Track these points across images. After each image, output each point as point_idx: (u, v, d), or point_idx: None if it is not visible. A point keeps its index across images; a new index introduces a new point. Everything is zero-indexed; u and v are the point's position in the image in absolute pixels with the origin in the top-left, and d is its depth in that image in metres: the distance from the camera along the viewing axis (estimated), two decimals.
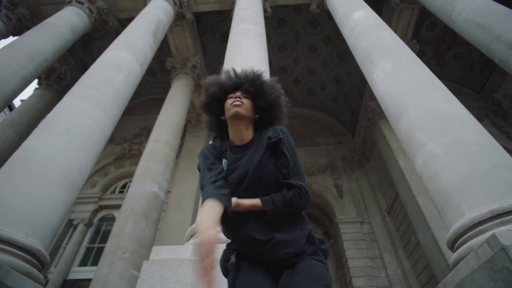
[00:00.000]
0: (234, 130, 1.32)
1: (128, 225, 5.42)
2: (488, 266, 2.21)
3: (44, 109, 10.31)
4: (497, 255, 2.13)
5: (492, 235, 2.21)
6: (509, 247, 2.06)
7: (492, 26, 5.60)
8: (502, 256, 2.09)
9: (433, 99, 3.58)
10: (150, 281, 2.05)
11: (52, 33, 6.65)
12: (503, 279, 2.07)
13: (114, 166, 11.00)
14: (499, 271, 2.12)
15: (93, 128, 4.11)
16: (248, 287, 1.06)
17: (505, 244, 2.09)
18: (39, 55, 6.21)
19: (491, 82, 11.30)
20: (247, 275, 1.09)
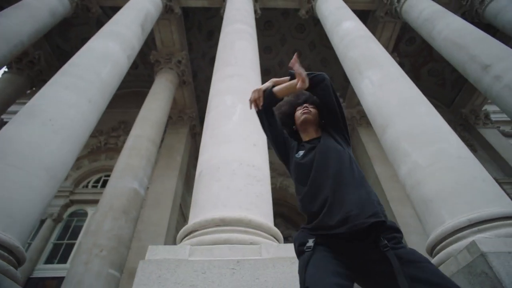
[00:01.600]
0: (305, 135, 1.58)
1: (106, 222, 5.21)
2: (467, 271, 2.38)
3: (13, 95, 9.67)
4: (476, 260, 2.31)
5: (472, 242, 2.39)
6: (488, 253, 2.24)
7: (468, 47, 6.01)
8: (481, 262, 2.26)
9: (419, 112, 3.80)
10: (147, 282, 2.01)
11: (30, 15, 6.25)
12: (481, 283, 2.24)
13: (88, 160, 10.51)
14: (477, 275, 2.29)
15: (78, 119, 3.92)
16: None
17: (484, 251, 2.27)
18: (15, 37, 5.82)
19: (460, 98, 12.10)
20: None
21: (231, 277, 2.06)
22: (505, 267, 2.13)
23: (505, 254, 2.21)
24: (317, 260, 1.04)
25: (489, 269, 2.16)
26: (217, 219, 2.56)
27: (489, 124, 11.60)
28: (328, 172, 1.26)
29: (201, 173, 3.29)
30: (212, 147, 3.46)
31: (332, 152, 1.34)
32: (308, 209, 1.23)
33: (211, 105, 4.24)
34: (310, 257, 1.06)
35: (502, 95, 5.30)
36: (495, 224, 2.62)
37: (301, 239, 1.18)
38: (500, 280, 2.08)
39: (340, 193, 1.17)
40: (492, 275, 2.14)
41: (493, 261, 2.17)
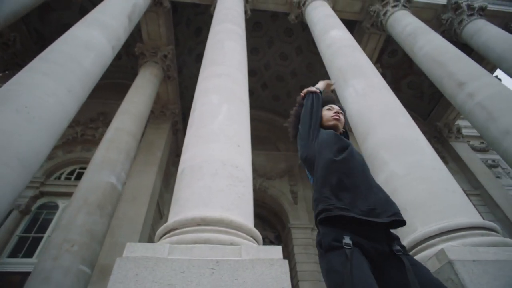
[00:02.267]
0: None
1: (80, 216, 5.02)
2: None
3: None
4: (444, 267, 2.44)
5: (441, 249, 2.52)
6: (455, 261, 2.38)
7: (446, 64, 6.33)
8: (448, 269, 2.39)
9: (399, 123, 3.96)
10: (124, 279, 1.96)
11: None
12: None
13: (63, 150, 10.07)
14: (444, 281, 2.42)
15: (56, 109, 3.77)
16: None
17: (451, 259, 2.40)
18: None
19: (435, 111, 12.69)
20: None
21: (210, 277, 2.06)
22: (469, 274, 2.27)
23: (469, 262, 2.35)
24: (359, 263, 1.05)
25: (455, 276, 2.29)
26: (198, 218, 2.54)
27: (460, 138, 12.25)
28: (363, 172, 1.40)
29: (183, 171, 3.26)
30: (196, 146, 3.44)
31: (360, 157, 1.55)
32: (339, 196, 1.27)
33: (197, 103, 4.20)
34: (352, 256, 1.06)
35: (473, 112, 5.62)
36: (462, 233, 2.78)
37: (334, 234, 1.17)
38: (464, 287, 2.21)
39: (369, 191, 1.30)
40: (458, 281, 2.27)
41: (459, 268, 2.30)
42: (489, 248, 2.53)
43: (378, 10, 8.88)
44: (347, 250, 1.07)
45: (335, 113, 1.75)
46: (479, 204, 9.97)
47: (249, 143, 3.85)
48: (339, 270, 1.03)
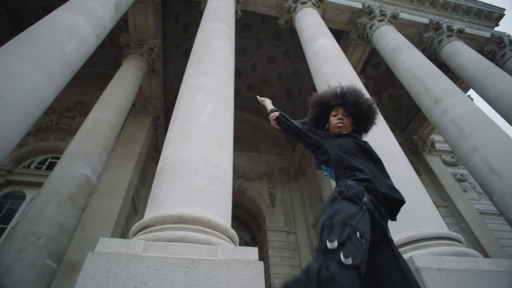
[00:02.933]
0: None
1: (49, 208, 4.80)
2: None
3: None
4: None
5: (410, 257, 2.64)
6: (421, 269, 2.50)
7: (425, 80, 6.63)
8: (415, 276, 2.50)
9: (377, 134, 4.07)
10: (95, 275, 1.90)
11: None
12: None
13: (34, 138, 9.59)
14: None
15: (32, 94, 3.60)
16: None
17: (418, 266, 2.52)
18: None
19: (412, 124, 13.22)
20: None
21: (185, 276, 2.04)
22: (434, 282, 2.39)
23: (434, 270, 2.48)
24: (366, 219, 1.18)
25: (421, 283, 2.40)
26: (176, 216, 2.52)
27: (433, 152, 12.83)
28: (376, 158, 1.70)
29: (163, 167, 3.21)
30: (178, 143, 3.40)
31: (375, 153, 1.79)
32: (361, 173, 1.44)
33: (181, 99, 4.15)
34: (364, 211, 1.20)
35: (447, 128, 5.92)
36: (430, 242, 2.92)
37: (359, 190, 1.29)
38: None
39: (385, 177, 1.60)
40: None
41: (424, 276, 2.42)
42: (453, 257, 2.68)
43: (365, 22, 9.16)
44: (364, 205, 1.22)
45: (338, 119, 1.82)
46: (446, 216, 10.47)
47: (231, 144, 3.85)
48: (348, 212, 1.15)
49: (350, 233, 1.03)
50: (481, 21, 10.98)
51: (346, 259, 0.93)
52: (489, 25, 11.05)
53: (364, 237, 1.06)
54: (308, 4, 8.41)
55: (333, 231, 1.06)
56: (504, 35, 10.29)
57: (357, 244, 1.01)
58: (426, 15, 10.20)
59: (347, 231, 1.04)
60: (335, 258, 0.95)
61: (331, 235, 1.04)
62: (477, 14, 11.00)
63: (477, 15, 11.00)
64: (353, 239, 1.01)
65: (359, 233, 1.05)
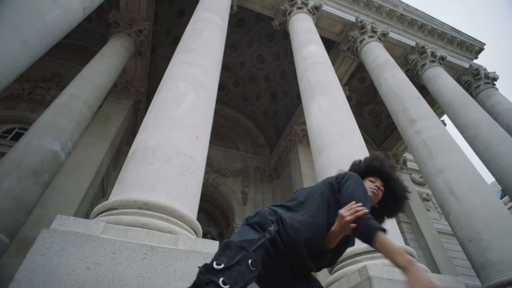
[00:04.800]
0: None
1: (8, 180, 4.57)
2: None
3: None
4: (363, 282, 2.67)
5: (364, 266, 2.75)
6: (373, 277, 2.61)
7: (404, 100, 6.90)
8: (366, 284, 2.62)
9: (352, 144, 4.23)
10: (46, 252, 1.84)
11: None
12: None
13: (2, 105, 9.07)
14: None
15: (4, 59, 3.41)
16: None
17: (370, 275, 2.63)
18: None
19: (389, 141, 13.71)
20: None
21: (141, 262, 2.02)
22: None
23: (385, 280, 2.60)
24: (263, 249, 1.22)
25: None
26: (141, 201, 2.48)
27: (404, 169, 13.38)
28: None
29: (135, 151, 3.15)
30: (153, 129, 3.35)
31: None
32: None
33: (163, 86, 4.09)
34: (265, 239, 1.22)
35: (418, 147, 6.20)
36: None
37: (266, 219, 1.31)
38: None
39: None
40: None
41: (375, 284, 2.53)
42: None
43: (356, 36, 9.39)
44: (267, 234, 1.21)
45: (375, 186, 1.56)
46: (408, 231, 10.96)
47: (208, 137, 3.84)
48: (247, 237, 1.15)
49: (242, 259, 1.01)
50: (462, 52, 11.56)
51: (224, 285, 0.91)
52: (469, 56, 11.67)
53: (255, 265, 1.02)
54: (303, 9, 8.51)
55: (226, 252, 1.04)
56: (481, 68, 10.90)
57: (244, 271, 0.99)
58: (414, 38, 10.61)
59: (240, 256, 1.01)
60: (214, 280, 0.92)
61: (223, 256, 1.02)
62: (459, 45, 11.57)
63: (460, 45, 11.58)
64: (242, 265, 1.00)
65: (251, 260, 1.01)
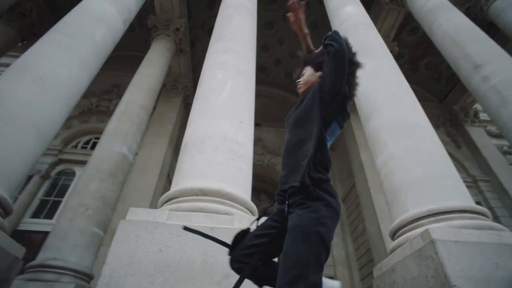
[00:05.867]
0: None
1: (93, 183, 5.37)
2: (417, 254, 2.65)
3: (3, 47, 9.40)
4: (426, 246, 2.56)
5: (426, 230, 2.63)
6: (437, 241, 2.49)
7: (464, 44, 6.07)
8: (430, 247, 2.51)
9: (403, 106, 3.94)
10: (126, 239, 2.19)
11: None
12: (426, 265, 2.51)
13: (79, 120, 10.47)
14: (425, 258, 2.55)
15: (70, 80, 3.94)
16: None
17: (433, 238, 2.51)
18: None
19: (453, 94, 12.26)
20: None
21: (204, 241, 2.24)
22: (448, 253, 2.38)
23: (451, 243, 2.46)
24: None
25: (435, 254, 2.41)
26: (197, 189, 2.73)
27: (476, 122, 11.88)
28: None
29: (186, 144, 3.42)
30: (199, 120, 3.57)
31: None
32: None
33: (203, 78, 4.29)
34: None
35: (487, 96, 5.46)
36: (451, 215, 2.86)
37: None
38: (442, 264, 2.33)
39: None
40: (437, 259, 2.39)
41: (439, 247, 2.42)
42: (473, 230, 2.62)
43: None
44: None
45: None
46: (487, 190, 9.87)
47: (251, 120, 3.95)
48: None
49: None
50: None
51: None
52: None
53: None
54: None
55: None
56: None
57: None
58: None
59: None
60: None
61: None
62: None
63: None
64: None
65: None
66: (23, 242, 6.93)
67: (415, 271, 2.66)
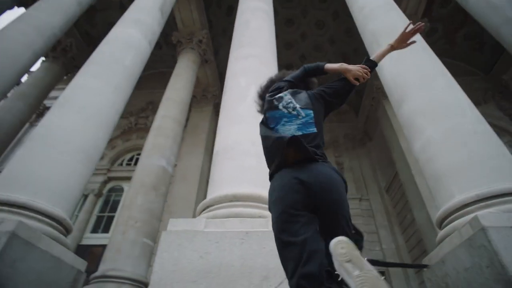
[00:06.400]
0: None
1: (138, 197, 5.76)
2: (468, 244, 2.47)
3: (51, 82, 10.43)
4: (477, 234, 2.38)
5: (475, 216, 2.44)
6: (488, 228, 2.30)
7: (504, 7, 5.52)
8: (481, 236, 2.33)
9: (436, 86, 3.69)
10: (169, 248, 2.34)
11: (59, 7, 6.62)
12: (479, 255, 2.33)
13: (121, 139, 11.28)
14: (477, 248, 2.38)
15: (107, 106, 4.29)
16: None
17: (484, 225, 2.33)
18: (48, 30, 6.24)
19: (501, 63, 11.13)
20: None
21: (241, 246, 2.34)
22: (504, 241, 2.19)
23: (506, 229, 2.26)
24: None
25: (488, 243, 2.23)
26: (230, 195, 2.82)
27: None
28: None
29: (217, 152, 3.55)
30: (227, 128, 3.68)
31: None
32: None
33: (227, 86, 4.40)
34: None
35: None
36: (503, 199, 2.62)
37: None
38: (497, 253, 2.15)
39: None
40: (491, 248, 2.21)
41: (492, 234, 2.24)
42: None
43: None
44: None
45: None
46: None
47: None
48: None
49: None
50: None
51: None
52: None
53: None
54: None
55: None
56: None
57: None
58: None
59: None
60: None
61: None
62: None
63: None
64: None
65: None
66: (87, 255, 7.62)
67: (468, 262, 2.48)
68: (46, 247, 2.80)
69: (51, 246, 2.91)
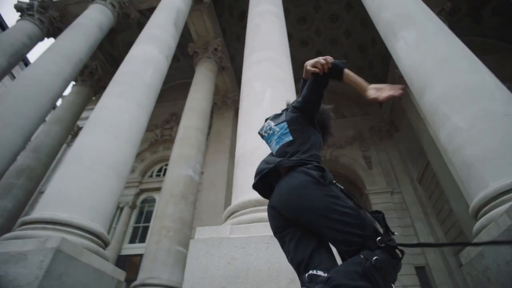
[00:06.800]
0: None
1: (169, 207, 5.98)
2: (507, 235, 2.33)
3: (82, 104, 11.12)
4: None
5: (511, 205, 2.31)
6: None
7: None
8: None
9: (459, 70, 3.52)
10: (197, 256, 2.43)
11: (83, 34, 7.08)
12: None
13: (149, 152, 11.76)
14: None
15: (132, 122, 4.52)
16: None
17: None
18: (75, 56, 6.70)
19: None
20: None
21: (266, 250, 2.37)
22: None
23: None
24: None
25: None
26: (253, 200, 2.87)
27: None
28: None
29: (238, 158, 3.62)
30: (246, 134, 3.74)
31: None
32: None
33: (243, 92, 4.48)
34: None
35: None
36: None
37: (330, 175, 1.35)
38: None
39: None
40: None
41: None
42: None
43: None
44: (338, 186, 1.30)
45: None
46: None
47: None
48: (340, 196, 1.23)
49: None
50: None
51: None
52: None
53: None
54: None
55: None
56: None
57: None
58: None
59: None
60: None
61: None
62: None
63: None
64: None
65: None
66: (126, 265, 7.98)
67: (509, 254, 2.34)
68: (87, 261, 3.00)
69: (92, 259, 3.12)
